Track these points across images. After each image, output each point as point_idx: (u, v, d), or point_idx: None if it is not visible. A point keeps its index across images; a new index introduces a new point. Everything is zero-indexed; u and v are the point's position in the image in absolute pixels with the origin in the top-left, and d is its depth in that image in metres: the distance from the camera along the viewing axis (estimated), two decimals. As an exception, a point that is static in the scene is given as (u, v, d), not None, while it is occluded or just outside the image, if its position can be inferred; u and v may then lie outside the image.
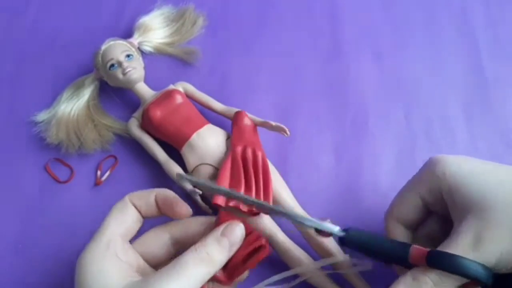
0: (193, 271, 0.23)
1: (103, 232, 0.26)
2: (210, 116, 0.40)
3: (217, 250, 0.24)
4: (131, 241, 0.28)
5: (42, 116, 0.41)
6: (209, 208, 0.34)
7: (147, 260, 0.27)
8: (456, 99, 0.42)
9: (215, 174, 0.35)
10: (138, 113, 0.39)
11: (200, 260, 0.24)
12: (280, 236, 0.34)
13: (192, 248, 0.24)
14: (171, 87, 0.40)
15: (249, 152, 0.35)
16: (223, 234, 0.25)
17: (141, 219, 0.28)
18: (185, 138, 0.36)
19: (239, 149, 0.35)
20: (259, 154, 0.35)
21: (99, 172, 0.39)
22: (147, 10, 0.45)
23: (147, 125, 0.38)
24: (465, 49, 0.45)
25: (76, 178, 0.39)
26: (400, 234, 0.30)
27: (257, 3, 0.48)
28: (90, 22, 0.47)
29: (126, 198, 0.28)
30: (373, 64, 0.44)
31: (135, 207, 0.28)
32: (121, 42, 0.40)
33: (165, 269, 0.23)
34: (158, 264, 0.28)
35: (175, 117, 0.37)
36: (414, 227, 0.31)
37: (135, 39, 0.43)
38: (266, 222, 0.34)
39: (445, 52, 0.45)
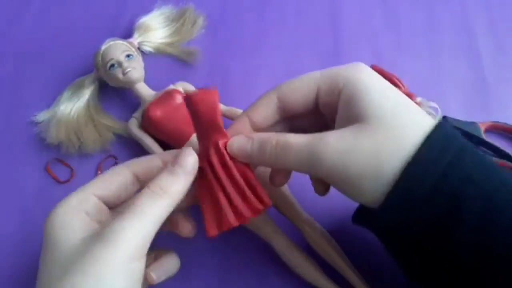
0: (151, 208, 0.23)
1: (81, 190, 0.26)
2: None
3: (171, 180, 0.24)
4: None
5: (42, 116, 0.41)
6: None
7: (109, 201, 0.26)
8: (456, 99, 0.42)
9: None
10: (138, 113, 0.39)
11: (155, 195, 0.23)
12: (280, 237, 0.34)
13: (146, 186, 0.24)
14: (171, 87, 0.40)
15: (212, 153, 0.27)
16: (174, 163, 0.25)
17: (137, 184, 0.27)
18: (185, 138, 0.36)
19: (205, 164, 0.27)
20: (223, 150, 0.27)
21: (99, 172, 0.39)
22: (147, 10, 0.45)
23: (147, 125, 0.38)
24: (465, 50, 0.45)
25: (76, 178, 0.39)
26: (270, 109, 0.27)
27: (257, 3, 0.48)
28: (90, 22, 0.47)
29: (125, 165, 0.27)
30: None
31: (133, 172, 0.27)
32: (121, 42, 0.40)
33: (121, 212, 0.23)
34: (120, 203, 0.27)
35: (175, 117, 0.37)
36: (285, 118, 0.29)
37: (135, 39, 0.43)
38: (267, 223, 0.34)
39: (445, 53, 0.45)
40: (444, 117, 0.40)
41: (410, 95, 0.40)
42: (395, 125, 0.24)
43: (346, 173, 0.24)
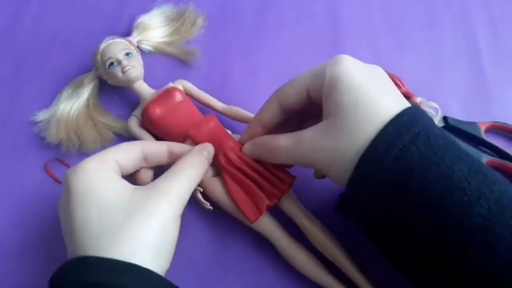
0: (188, 172, 0.30)
1: (106, 154, 0.29)
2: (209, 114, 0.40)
3: (200, 158, 0.32)
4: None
5: (41, 115, 0.41)
6: (209, 205, 0.34)
7: (123, 172, 0.30)
8: (456, 99, 0.42)
9: (215, 173, 0.35)
10: (137, 111, 0.39)
11: (191, 164, 0.30)
12: (281, 233, 0.34)
13: (181, 159, 0.31)
14: (170, 85, 0.40)
15: (232, 156, 0.34)
16: (199, 149, 0.32)
17: (143, 162, 0.31)
18: (184, 136, 0.36)
19: (222, 159, 0.34)
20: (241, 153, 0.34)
21: (98, 172, 0.39)
22: (146, 9, 0.45)
23: (147, 123, 0.38)
24: (465, 49, 0.45)
25: (76, 178, 0.39)
26: (273, 111, 0.32)
27: (257, 3, 0.48)
28: (89, 21, 0.47)
29: (138, 143, 0.31)
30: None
31: (144, 151, 0.31)
32: (120, 40, 0.40)
33: (167, 173, 0.29)
34: (125, 175, 0.30)
35: (175, 115, 0.37)
36: (291, 114, 0.32)
37: (134, 38, 0.43)
38: (267, 220, 0.34)
39: (445, 52, 0.45)
40: (444, 117, 0.40)
41: (410, 95, 0.40)
42: (353, 121, 0.27)
43: (318, 166, 0.30)
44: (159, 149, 0.32)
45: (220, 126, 0.36)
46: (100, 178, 0.27)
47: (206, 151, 0.32)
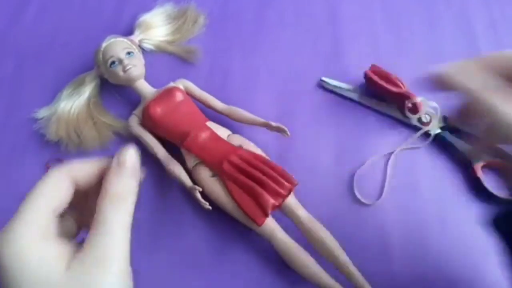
0: (114, 217, 0.22)
1: (34, 209, 0.22)
2: (210, 114, 0.40)
3: (122, 183, 0.23)
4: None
5: (42, 112, 0.41)
6: (208, 205, 0.34)
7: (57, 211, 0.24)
8: (456, 99, 0.42)
9: (213, 173, 0.36)
10: (138, 110, 0.39)
11: (113, 202, 0.22)
12: (280, 235, 0.34)
13: (101, 194, 0.23)
14: (171, 84, 0.40)
15: (235, 158, 0.35)
16: (119, 164, 0.23)
17: (73, 190, 0.24)
18: (184, 135, 0.36)
19: (226, 166, 0.35)
20: (244, 153, 0.35)
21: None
22: (147, 9, 0.45)
23: (147, 122, 0.38)
24: (465, 49, 0.45)
25: (76, 177, 0.39)
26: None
27: (257, 3, 0.48)
28: (90, 20, 0.47)
29: (63, 169, 0.24)
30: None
31: (73, 179, 0.24)
32: (121, 39, 0.40)
33: (96, 227, 0.22)
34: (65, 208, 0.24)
35: (175, 114, 0.37)
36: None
37: (136, 37, 0.43)
38: (267, 221, 0.34)
39: (445, 52, 0.45)
40: (444, 117, 0.40)
41: (410, 95, 0.40)
42: None
43: None
44: (89, 171, 0.24)
45: (215, 135, 0.36)
46: (33, 250, 0.22)
47: (128, 161, 0.24)
